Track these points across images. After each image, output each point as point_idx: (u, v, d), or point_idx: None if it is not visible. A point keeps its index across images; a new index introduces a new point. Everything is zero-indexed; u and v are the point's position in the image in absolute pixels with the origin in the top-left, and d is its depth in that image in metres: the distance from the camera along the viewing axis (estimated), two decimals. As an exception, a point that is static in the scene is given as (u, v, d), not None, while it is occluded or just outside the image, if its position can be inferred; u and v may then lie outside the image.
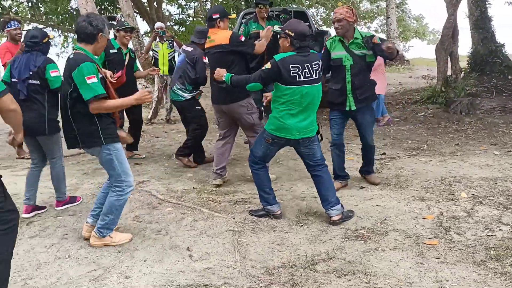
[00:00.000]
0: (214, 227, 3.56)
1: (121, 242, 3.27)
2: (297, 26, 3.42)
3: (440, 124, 7.08)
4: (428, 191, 4.16)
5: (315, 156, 3.64)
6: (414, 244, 3.16)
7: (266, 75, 3.44)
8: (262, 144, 3.63)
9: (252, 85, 3.56)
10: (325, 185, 3.64)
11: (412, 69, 15.85)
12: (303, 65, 3.35)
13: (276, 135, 3.51)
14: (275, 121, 3.48)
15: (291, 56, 3.38)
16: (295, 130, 3.46)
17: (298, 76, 3.33)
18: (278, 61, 3.36)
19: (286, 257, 3.03)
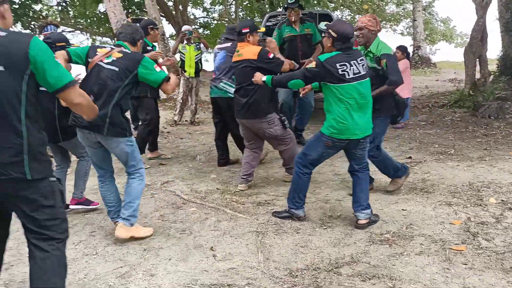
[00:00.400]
0: (237, 228, 3.58)
1: (145, 235, 3.40)
2: (340, 27, 3.40)
3: (468, 128, 6.93)
4: (455, 196, 4.09)
5: (364, 159, 3.63)
6: (441, 249, 3.10)
7: (311, 74, 3.43)
8: (319, 147, 3.52)
9: (294, 82, 3.56)
10: (362, 187, 3.61)
11: (439, 72, 15.58)
12: (350, 62, 3.34)
13: (339, 138, 3.42)
14: (336, 123, 3.39)
15: (337, 55, 3.37)
16: (357, 129, 3.40)
17: (347, 74, 3.32)
18: (324, 61, 3.35)
19: (310, 260, 3.02)
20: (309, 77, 3.47)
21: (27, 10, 14.86)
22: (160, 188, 4.63)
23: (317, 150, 3.54)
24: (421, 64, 16.37)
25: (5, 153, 1.96)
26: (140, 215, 3.88)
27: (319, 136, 3.54)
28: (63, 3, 18.92)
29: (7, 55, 1.94)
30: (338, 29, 3.37)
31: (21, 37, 2.02)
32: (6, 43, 1.96)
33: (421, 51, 17.03)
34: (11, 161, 1.97)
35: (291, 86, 3.65)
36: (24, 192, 2.03)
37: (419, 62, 16.39)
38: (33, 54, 1.97)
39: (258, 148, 4.70)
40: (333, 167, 5.23)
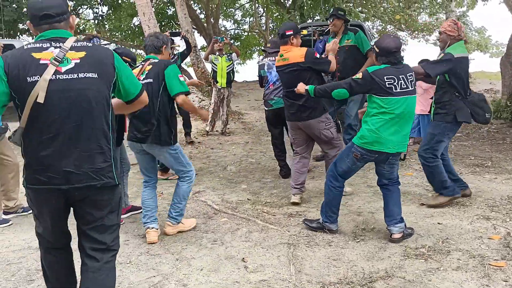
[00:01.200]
0: (268, 239, 3.56)
1: (191, 226, 3.79)
2: (382, 41, 3.38)
3: (505, 140, 6.70)
4: (494, 210, 3.95)
5: (393, 175, 3.56)
6: (479, 265, 3.00)
7: (357, 85, 3.40)
8: (348, 158, 3.49)
9: (338, 91, 3.51)
10: (394, 200, 3.54)
11: (473, 82, 15.13)
12: (398, 76, 3.30)
13: (369, 149, 3.37)
14: (370, 134, 3.35)
15: (385, 68, 3.34)
16: (391, 143, 3.34)
17: (394, 87, 3.28)
18: (371, 72, 3.33)
19: (343, 273, 2.98)
20: (354, 87, 3.42)
21: (65, 24, 15.39)
22: (191, 198, 4.67)
23: (346, 161, 3.50)
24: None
25: (98, 158, 2.03)
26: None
27: (350, 147, 3.51)
28: (99, 16, 19.57)
29: (99, 64, 2.05)
30: (380, 44, 3.36)
31: (104, 48, 2.17)
32: (95, 53, 2.08)
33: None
34: (103, 166, 2.04)
35: (335, 96, 3.55)
36: (105, 197, 2.09)
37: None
38: (117, 65, 2.11)
39: (308, 153, 4.60)
40: (366, 178, 5.15)
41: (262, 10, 23.60)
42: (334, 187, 3.59)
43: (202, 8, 22.11)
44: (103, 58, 2.07)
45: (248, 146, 7.47)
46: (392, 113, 3.30)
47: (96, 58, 2.05)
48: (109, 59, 2.09)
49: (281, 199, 4.60)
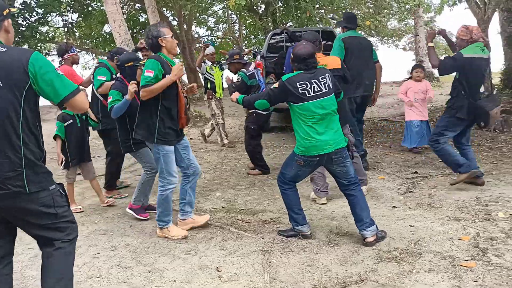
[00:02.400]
0: (243, 247, 3.54)
1: (175, 237, 3.73)
2: (295, 49, 3.52)
3: (473, 142, 6.85)
4: (463, 211, 4.03)
5: (349, 174, 3.59)
6: (450, 266, 3.05)
7: (274, 94, 3.53)
8: (293, 166, 3.58)
9: (259, 102, 3.64)
10: (360, 205, 3.57)
11: (442, 86, 15.53)
12: (310, 81, 3.42)
13: (308, 155, 3.47)
14: (303, 141, 3.46)
15: (298, 74, 3.46)
16: (325, 143, 3.43)
17: (307, 92, 3.40)
18: (285, 80, 3.45)
19: (317, 279, 2.97)
20: (272, 96, 3.56)
21: (34, 32, 15.06)
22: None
23: (292, 169, 3.59)
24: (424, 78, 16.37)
25: (4, 167, 2.02)
26: (144, 235, 3.88)
27: (292, 156, 3.59)
28: (69, 24, 19.21)
29: (6, 70, 1.99)
30: (294, 51, 3.50)
31: (21, 53, 2.06)
32: (6, 58, 2.01)
33: (424, 65, 17.01)
34: (11, 175, 2.03)
35: (257, 106, 3.70)
36: (24, 204, 2.09)
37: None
38: (32, 69, 2.02)
39: None
40: (339, 183, 5.18)
41: (236, 16, 23.64)
42: (286, 190, 3.67)
43: (174, 15, 22.00)
44: (13, 63, 2.01)
45: (223, 153, 7.44)
46: (313, 117, 3.41)
47: (2, 65, 1.99)
48: (21, 64, 2.01)
49: (255, 206, 4.58)
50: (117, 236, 3.87)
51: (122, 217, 4.38)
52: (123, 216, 4.38)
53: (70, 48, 5.95)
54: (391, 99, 12.91)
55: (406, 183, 5.02)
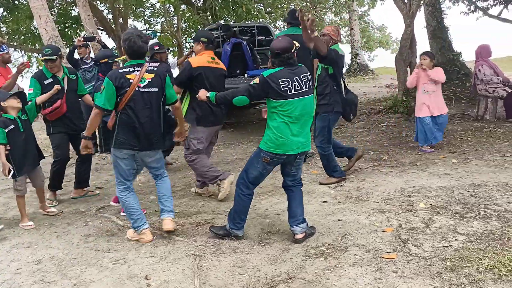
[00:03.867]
0: (174, 252, 3.50)
1: (133, 238, 3.76)
2: (273, 43, 3.46)
3: (401, 133, 7.22)
4: (388, 203, 4.22)
5: (298, 176, 3.67)
6: (373, 258, 3.18)
7: (254, 90, 3.41)
8: (258, 164, 3.50)
9: (239, 99, 3.49)
10: (297, 202, 3.63)
11: (376, 78, 16.21)
12: (292, 79, 3.37)
13: (276, 153, 3.43)
14: (274, 137, 3.41)
15: (279, 71, 3.39)
16: (294, 144, 3.42)
17: (289, 90, 3.34)
18: (267, 76, 3.36)
19: (246, 280, 3.00)
20: (252, 93, 3.44)
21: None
22: (94, 214, 4.46)
23: (257, 167, 3.52)
24: (360, 71, 16.96)
25: None
26: (70, 246, 3.74)
27: (258, 153, 3.53)
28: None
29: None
30: (271, 46, 3.44)
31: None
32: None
33: (359, 58, 17.66)
34: None
35: (236, 103, 3.55)
36: None
37: (358, 69, 16.98)
38: None
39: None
40: (274, 179, 5.24)
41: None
42: (245, 195, 3.60)
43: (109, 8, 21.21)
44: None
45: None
46: (290, 116, 3.39)
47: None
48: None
49: (190, 208, 4.55)
50: (42, 249, 3.70)
51: (48, 227, 4.20)
52: (49, 227, 4.20)
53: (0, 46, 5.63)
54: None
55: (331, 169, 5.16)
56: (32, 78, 4.68)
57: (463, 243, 3.30)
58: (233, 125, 8.73)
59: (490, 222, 3.62)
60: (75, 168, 5.17)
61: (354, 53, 17.55)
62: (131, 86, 3.49)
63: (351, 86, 14.12)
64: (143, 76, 3.53)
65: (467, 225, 3.60)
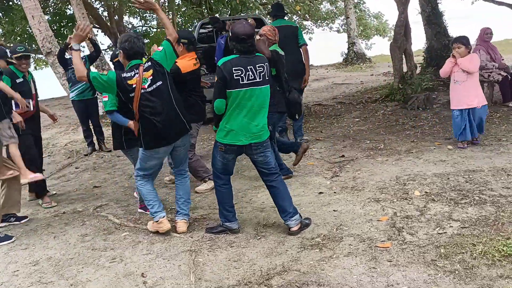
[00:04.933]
0: (171, 249, 3.52)
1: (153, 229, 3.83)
2: (235, 26, 3.41)
3: (398, 121, 7.20)
4: (383, 192, 4.22)
5: (269, 164, 3.62)
6: (368, 248, 3.19)
7: (219, 85, 3.36)
8: (218, 154, 3.56)
9: (216, 105, 3.41)
10: (282, 196, 3.62)
11: (373, 66, 16.11)
12: (246, 67, 3.34)
13: (225, 143, 3.47)
14: (224, 128, 3.45)
15: (234, 58, 3.36)
16: (242, 135, 3.43)
17: (241, 79, 3.32)
18: (221, 66, 3.35)
19: (242, 274, 3.02)
20: (219, 89, 3.37)
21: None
22: (92, 213, 4.48)
23: (218, 157, 3.57)
24: (357, 60, 16.89)
25: None
26: (68, 246, 3.76)
27: (215, 143, 3.59)
28: (-12, 21, 17.98)
29: None
30: (232, 29, 3.39)
31: None
32: None
33: (356, 47, 17.56)
34: None
35: (218, 110, 3.45)
36: None
37: (355, 59, 16.90)
38: None
39: None
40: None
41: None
42: (220, 185, 3.65)
43: (104, 5, 21.12)
44: None
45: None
46: (240, 105, 3.38)
47: None
48: None
49: (186, 204, 4.55)
50: (39, 250, 3.72)
51: (45, 228, 4.22)
52: (47, 227, 4.22)
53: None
54: (326, 82, 13.21)
55: (333, 168, 5.19)
56: (5, 76, 4.56)
57: (457, 229, 3.31)
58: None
59: (485, 207, 3.62)
60: None
61: (351, 42, 17.45)
62: (136, 91, 3.48)
63: (348, 75, 14.21)
64: (143, 76, 3.51)
65: (462, 211, 3.61)
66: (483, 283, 2.60)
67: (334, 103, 9.59)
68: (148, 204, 3.79)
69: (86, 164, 6.81)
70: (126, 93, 3.50)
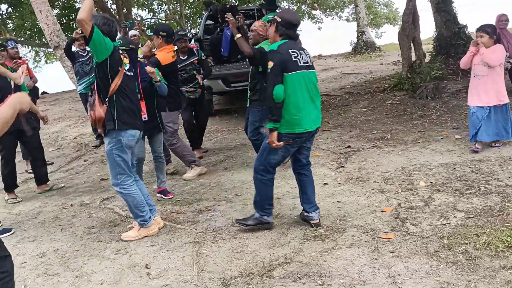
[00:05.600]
0: (175, 240, 3.55)
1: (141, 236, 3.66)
2: (286, 13, 3.34)
3: (406, 111, 7.13)
4: (388, 183, 4.20)
5: (308, 156, 3.59)
6: (371, 239, 3.19)
7: (275, 71, 3.16)
8: (281, 149, 3.30)
9: (278, 90, 3.15)
10: (311, 186, 3.56)
11: (383, 55, 15.91)
12: (299, 51, 3.25)
13: (297, 132, 3.25)
14: (291, 119, 3.22)
15: (286, 42, 3.25)
16: (311, 121, 3.29)
17: (298, 61, 3.21)
18: (277, 49, 3.19)
19: (244, 265, 3.04)
20: (276, 78, 3.17)
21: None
22: (98, 206, 4.53)
23: (279, 153, 3.33)
24: (366, 49, 16.71)
25: None
26: (74, 238, 3.81)
27: (279, 138, 3.26)
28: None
29: None
30: (283, 16, 3.29)
31: None
32: None
33: (365, 36, 17.37)
34: None
35: (276, 98, 3.17)
36: None
37: (364, 47, 16.72)
38: None
39: None
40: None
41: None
42: (268, 180, 3.42)
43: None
44: None
45: (164, 142, 7.34)
46: (302, 90, 3.23)
47: None
48: None
49: (191, 196, 4.59)
50: (46, 242, 3.78)
51: (53, 220, 4.28)
52: (54, 220, 4.28)
53: (6, 42, 5.67)
54: (334, 72, 13.10)
55: (339, 158, 5.17)
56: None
57: (461, 220, 3.29)
58: (237, 111, 8.72)
59: (490, 198, 3.59)
60: (32, 167, 5.36)
61: (360, 31, 17.26)
62: (122, 66, 3.47)
63: (357, 65, 14.06)
64: (124, 61, 3.54)
65: (467, 201, 3.58)
66: (486, 274, 2.58)
67: (342, 93, 9.52)
68: (143, 211, 3.59)
69: (94, 156, 6.87)
70: (116, 64, 3.39)
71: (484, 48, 4.63)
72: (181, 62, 5.77)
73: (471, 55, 4.75)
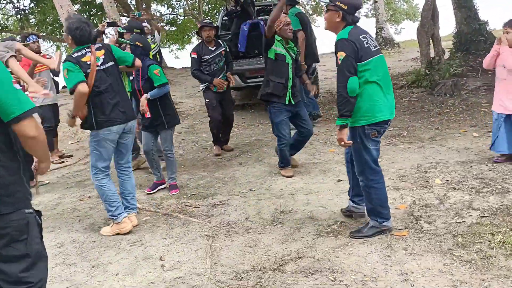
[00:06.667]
0: (189, 234, 3.60)
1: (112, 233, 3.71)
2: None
3: (424, 108, 7.05)
4: (403, 180, 4.17)
5: None
6: (384, 236, 3.18)
7: (349, 62, 2.89)
8: (370, 143, 3.06)
9: (353, 83, 2.90)
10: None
11: (402, 52, 15.70)
12: (367, 35, 3.03)
13: (382, 121, 3.01)
14: (372, 107, 2.97)
15: (354, 28, 2.99)
16: (388, 108, 3.04)
17: (370, 47, 2.98)
18: (348, 37, 2.92)
19: (257, 260, 3.06)
20: (349, 69, 2.89)
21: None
22: (115, 199, 4.61)
23: (370, 148, 3.08)
24: (385, 45, 16.49)
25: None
26: (91, 229, 3.89)
27: (360, 133, 3.05)
28: (21, 11, 18.49)
29: None
30: (348, 1, 2.97)
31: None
32: None
33: (384, 32, 17.13)
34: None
35: (351, 93, 2.92)
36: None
37: (383, 44, 16.50)
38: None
39: None
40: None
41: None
42: (378, 183, 3.15)
43: (132, -7, 21.38)
44: None
45: (180, 137, 7.41)
46: (379, 76, 3.00)
47: None
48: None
49: (207, 190, 4.63)
50: (64, 233, 3.87)
51: (71, 211, 4.37)
52: (73, 211, 4.37)
53: (27, 37, 5.80)
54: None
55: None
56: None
57: (476, 218, 3.25)
58: (253, 106, 8.73)
59: (507, 196, 3.54)
60: None
61: (379, 27, 17.03)
62: (91, 66, 3.49)
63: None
64: (96, 55, 3.54)
65: (483, 200, 3.53)
66: (500, 273, 2.56)
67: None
68: (112, 206, 3.65)
69: (112, 150, 6.98)
70: (84, 69, 3.46)
71: (506, 47, 4.20)
72: (210, 52, 5.63)
73: (495, 53, 4.32)
